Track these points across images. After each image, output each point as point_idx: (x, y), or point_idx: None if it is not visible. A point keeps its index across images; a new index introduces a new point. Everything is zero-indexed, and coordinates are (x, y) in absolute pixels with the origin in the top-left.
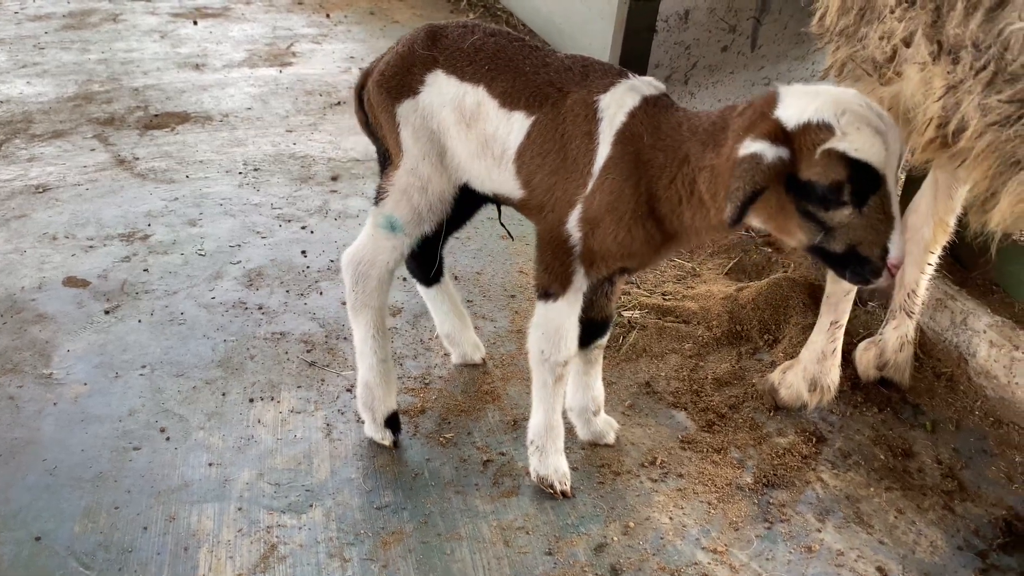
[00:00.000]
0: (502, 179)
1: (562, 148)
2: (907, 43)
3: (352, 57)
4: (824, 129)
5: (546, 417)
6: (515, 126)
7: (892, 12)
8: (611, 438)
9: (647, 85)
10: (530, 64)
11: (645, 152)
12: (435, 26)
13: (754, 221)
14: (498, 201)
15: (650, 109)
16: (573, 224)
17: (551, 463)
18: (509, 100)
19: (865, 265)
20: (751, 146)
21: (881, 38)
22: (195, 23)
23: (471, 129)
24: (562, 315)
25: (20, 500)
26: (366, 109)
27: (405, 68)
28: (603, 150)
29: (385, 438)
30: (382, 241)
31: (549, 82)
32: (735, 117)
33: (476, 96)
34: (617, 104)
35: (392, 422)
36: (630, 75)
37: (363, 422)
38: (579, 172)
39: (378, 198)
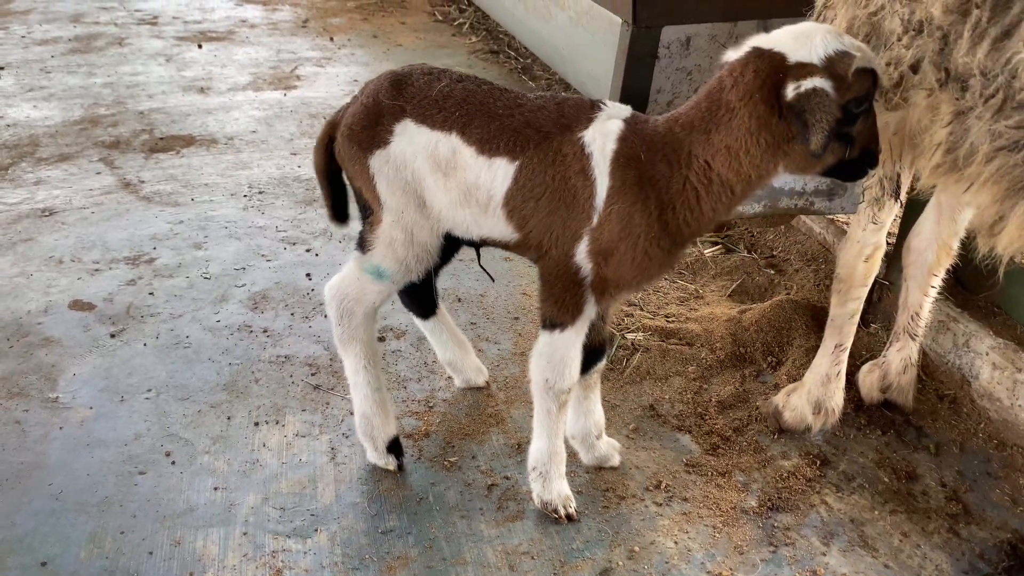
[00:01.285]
0: (491, 225)
1: (556, 189)
2: (914, 70)
3: (356, 80)
4: (844, 55)
5: (549, 443)
6: (498, 173)
7: (899, 40)
8: (616, 460)
9: (621, 109)
10: (503, 107)
11: (646, 170)
12: (398, 74)
13: (781, 166)
14: (480, 245)
15: (634, 129)
16: (582, 256)
17: (555, 488)
18: (487, 146)
19: (870, 159)
20: (804, 85)
21: (888, 64)
22: (200, 47)
23: (449, 178)
24: (569, 344)
25: (26, 525)
26: (337, 160)
27: (373, 119)
28: (602, 182)
29: (389, 464)
30: (369, 285)
31: (526, 123)
32: (729, 90)
33: (450, 144)
34: (602, 135)
35: (394, 447)
36: (602, 104)
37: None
38: (580, 207)
39: (363, 247)
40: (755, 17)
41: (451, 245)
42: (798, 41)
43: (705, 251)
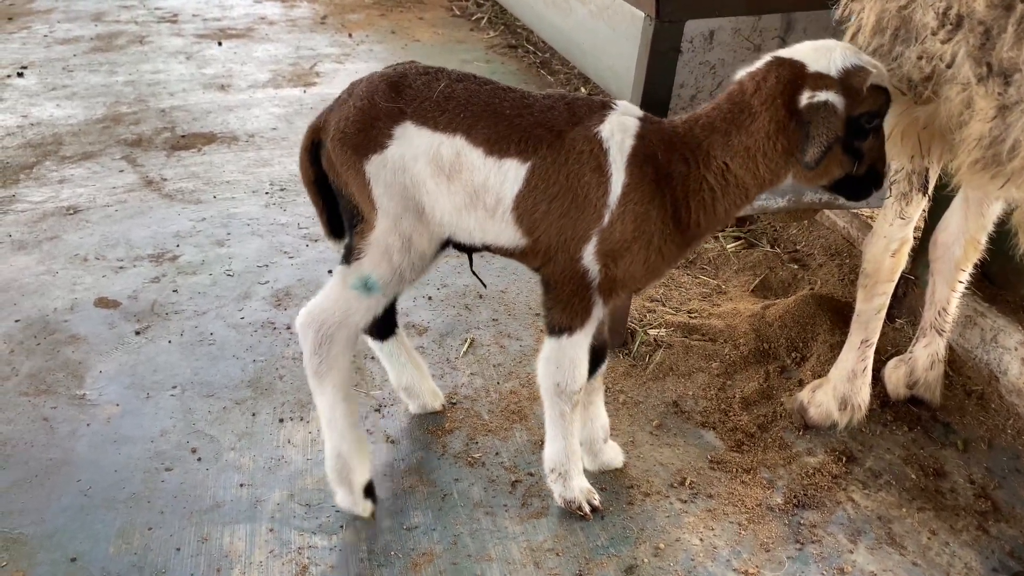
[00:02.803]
0: (498, 231)
1: (570, 188)
2: (949, 64)
3: None
4: (860, 70)
5: (566, 443)
6: (509, 174)
7: (934, 34)
8: (620, 461)
9: (632, 108)
10: (510, 107)
11: (663, 168)
12: (392, 76)
13: (792, 173)
14: (474, 251)
15: (651, 128)
16: (589, 258)
17: (575, 485)
18: (496, 147)
19: (876, 179)
20: (818, 96)
21: (920, 58)
22: (220, 44)
23: (453, 181)
24: (577, 347)
25: (55, 521)
26: (325, 167)
27: (369, 122)
28: (617, 178)
29: (365, 509)
30: (355, 302)
31: (537, 123)
32: (752, 95)
33: (453, 146)
34: (620, 130)
35: (370, 491)
36: (613, 103)
37: (349, 486)
38: (592, 207)
39: (350, 257)
40: (779, 10)
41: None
42: (818, 52)
43: (728, 246)
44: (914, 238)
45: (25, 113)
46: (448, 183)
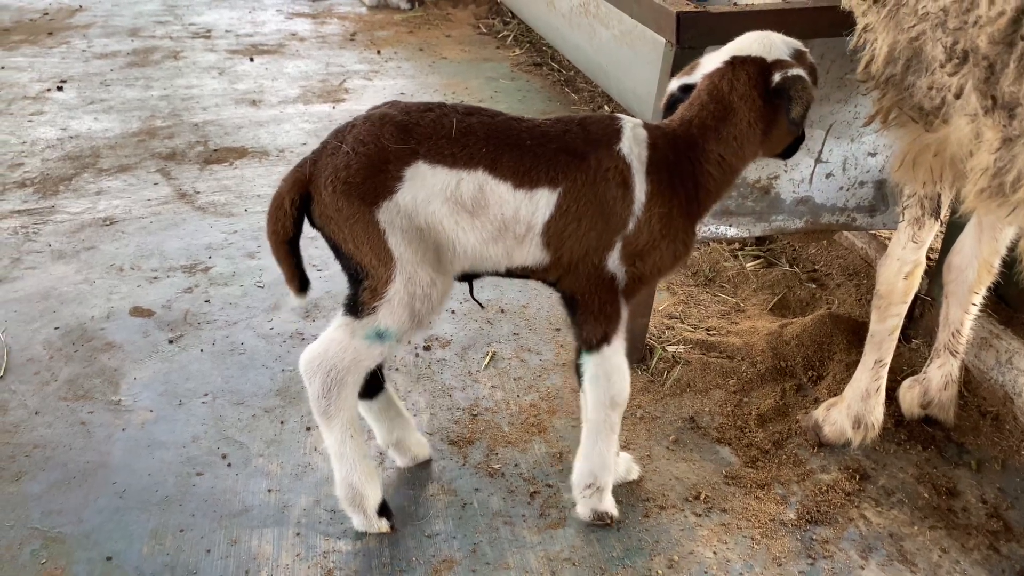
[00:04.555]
0: (524, 254)
1: (598, 204)
2: (957, 95)
3: (402, 93)
4: (802, 52)
5: (609, 456)
6: (541, 203)
7: (943, 67)
8: (635, 474)
9: (634, 119)
10: (529, 137)
11: (674, 169)
12: (396, 116)
13: (763, 149)
14: (472, 277)
15: (657, 135)
16: (614, 263)
17: (607, 498)
18: (526, 179)
19: (802, 139)
20: (790, 72)
21: (930, 88)
22: (251, 60)
23: (477, 216)
24: (618, 353)
25: (92, 521)
26: (317, 223)
27: (377, 167)
28: (640, 187)
29: (382, 527)
30: (366, 351)
31: (559, 150)
32: (729, 92)
33: (475, 181)
34: (635, 142)
35: (384, 510)
36: (619, 117)
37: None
38: (617, 217)
39: (360, 312)
40: (796, 37)
41: None
42: (763, 45)
43: (747, 265)
44: (930, 259)
45: (64, 126)
46: (471, 219)
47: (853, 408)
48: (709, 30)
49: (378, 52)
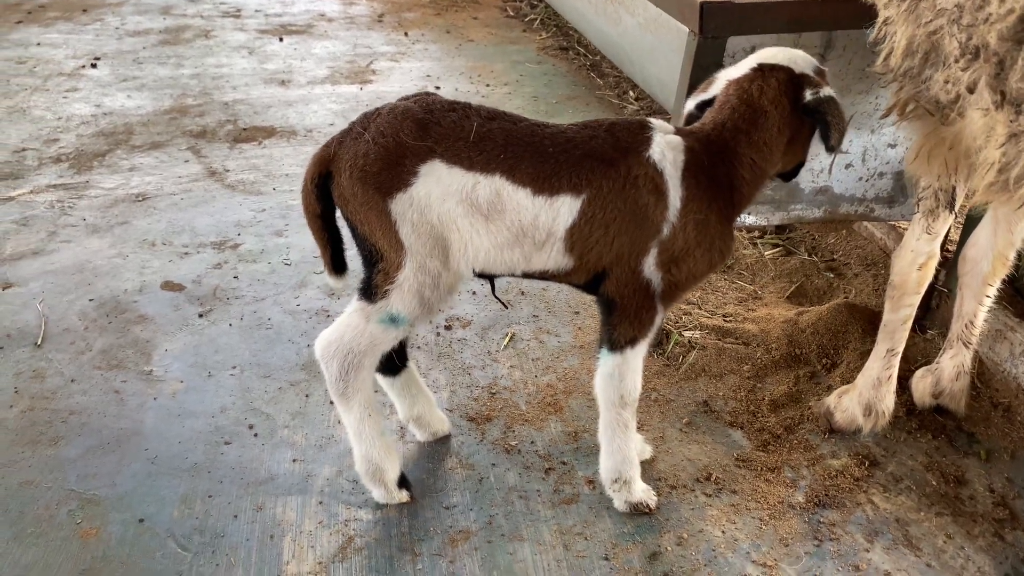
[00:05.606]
0: (544, 260)
1: (627, 211)
2: (971, 90)
3: (428, 76)
4: (822, 70)
5: (628, 451)
6: (562, 209)
7: (956, 61)
8: (648, 454)
9: (665, 124)
10: (551, 144)
11: (710, 174)
12: (418, 113)
13: (784, 160)
14: (496, 277)
15: (691, 139)
16: (650, 269)
17: (636, 488)
18: (546, 185)
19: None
20: (823, 93)
21: (946, 82)
22: (281, 40)
23: (492, 221)
24: (639, 356)
25: (126, 485)
26: (336, 201)
27: (393, 160)
28: (675, 193)
29: (402, 498)
30: (381, 334)
31: (585, 156)
32: (759, 97)
33: (492, 186)
34: (669, 148)
35: (403, 482)
36: (649, 122)
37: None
38: (650, 223)
39: (373, 296)
40: (819, 28)
41: None
42: (788, 57)
43: (766, 253)
44: (947, 251)
45: (98, 103)
46: (486, 223)
47: (864, 396)
48: (732, 21)
49: (405, 34)
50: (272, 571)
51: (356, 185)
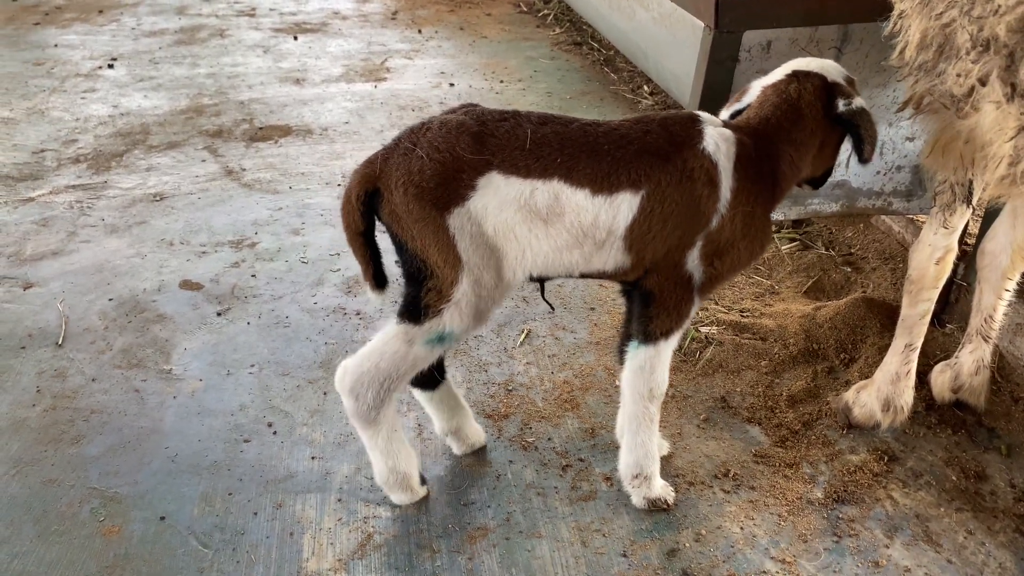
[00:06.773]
0: (604, 259)
1: (684, 204)
2: (983, 83)
3: (443, 72)
4: (851, 77)
5: (651, 446)
6: (622, 207)
7: (968, 54)
8: (665, 450)
9: (713, 118)
10: (606, 142)
11: (756, 167)
12: (472, 126)
13: (813, 165)
14: (544, 280)
15: (740, 132)
16: (693, 262)
17: (656, 484)
18: (605, 184)
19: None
20: (855, 104)
21: (959, 75)
22: (295, 38)
23: (552, 225)
24: (671, 348)
25: (147, 483)
26: (385, 219)
27: (451, 175)
28: (727, 184)
29: (423, 493)
30: (426, 355)
31: (641, 151)
32: (797, 99)
33: (550, 190)
34: (722, 140)
35: (422, 480)
36: (699, 114)
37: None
38: (702, 215)
39: (423, 316)
40: (835, 22)
41: None
42: (820, 65)
43: (783, 247)
44: (967, 244)
45: (116, 103)
46: (546, 227)
47: (883, 391)
48: (748, 15)
49: (419, 31)
50: (292, 568)
51: (412, 202)
